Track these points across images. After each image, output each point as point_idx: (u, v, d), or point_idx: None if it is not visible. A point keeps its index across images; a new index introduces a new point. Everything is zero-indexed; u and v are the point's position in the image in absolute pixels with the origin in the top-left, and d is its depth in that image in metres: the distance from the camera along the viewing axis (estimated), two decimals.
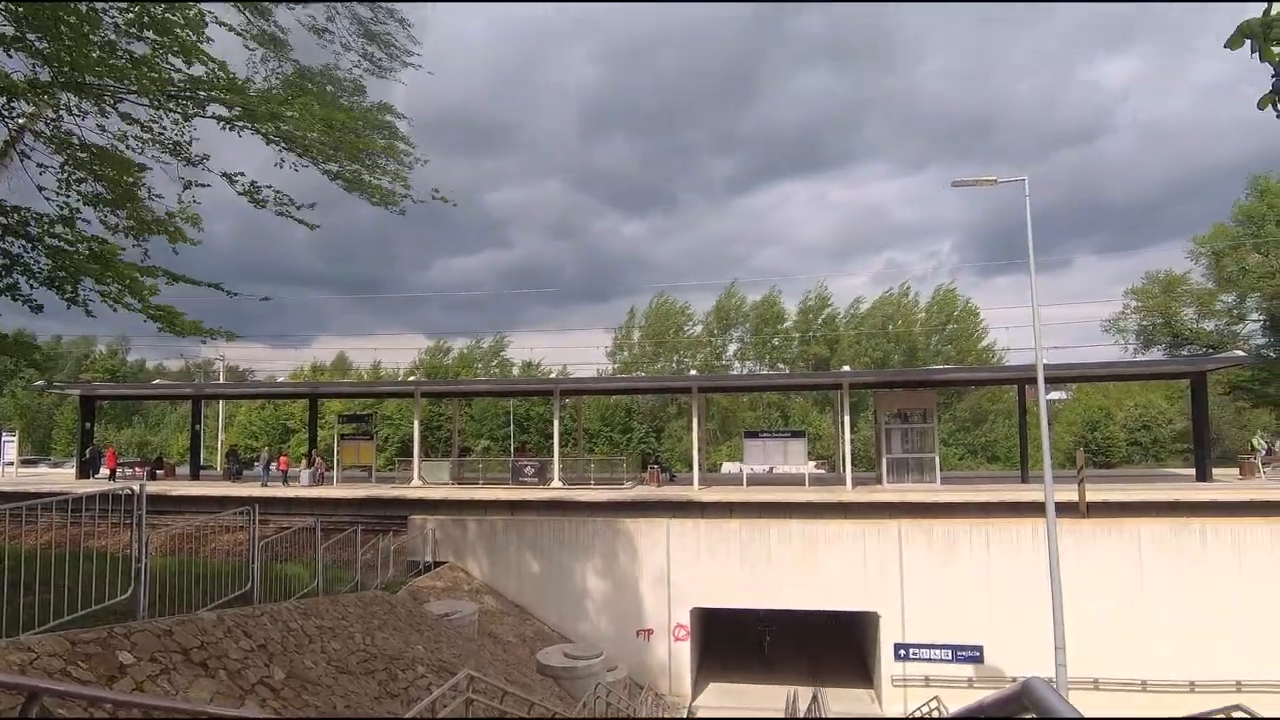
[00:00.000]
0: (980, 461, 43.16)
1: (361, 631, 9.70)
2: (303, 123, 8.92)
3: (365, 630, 9.84)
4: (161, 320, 9.22)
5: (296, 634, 8.29)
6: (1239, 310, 40.26)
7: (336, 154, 9.83)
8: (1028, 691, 1.14)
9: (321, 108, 9.29)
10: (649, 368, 50.32)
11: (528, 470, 24.77)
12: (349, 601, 10.66)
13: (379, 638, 9.90)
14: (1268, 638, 17.26)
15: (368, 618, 10.46)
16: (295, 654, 7.79)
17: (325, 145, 9.65)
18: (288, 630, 8.21)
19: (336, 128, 9.26)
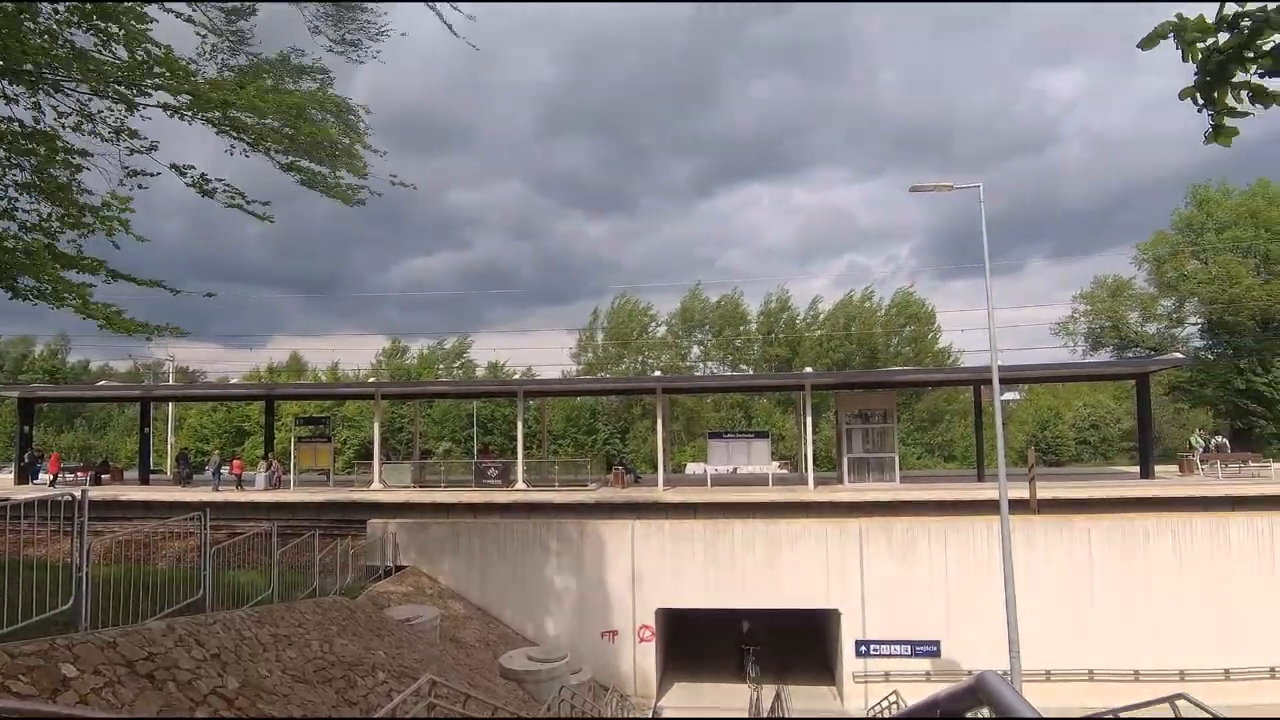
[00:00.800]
0: (938, 460, 44.19)
1: (319, 639, 9.46)
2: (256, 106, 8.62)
3: (323, 637, 9.59)
4: (100, 318, 8.83)
5: (251, 642, 8.04)
6: (1179, 314, 42.06)
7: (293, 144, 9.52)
8: (981, 684, 1.16)
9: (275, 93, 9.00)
10: (613, 369, 50.27)
11: (491, 472, 24.50)
12: (306, 608, 10.38)
13: (338, 644, 9.66)
14: (1208, 628, 18.03)
15: (326, 624, 10.20)
16: (250, 663, 7.55)
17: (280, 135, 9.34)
18: (242, 639, 7.95)
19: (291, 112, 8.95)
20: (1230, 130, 2.82)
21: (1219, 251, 38.80)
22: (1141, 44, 2.75)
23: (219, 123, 8.86)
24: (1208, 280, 38.54)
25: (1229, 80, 2.69)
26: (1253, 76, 2.66)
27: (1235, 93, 2.71)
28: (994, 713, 1.08)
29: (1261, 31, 2.54)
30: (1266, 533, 18.49)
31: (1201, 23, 2.65)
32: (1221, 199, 40.64)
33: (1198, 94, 2.76)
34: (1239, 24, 2.57)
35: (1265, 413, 37.93)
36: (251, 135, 9.23)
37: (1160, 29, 2.69)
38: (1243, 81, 2.68)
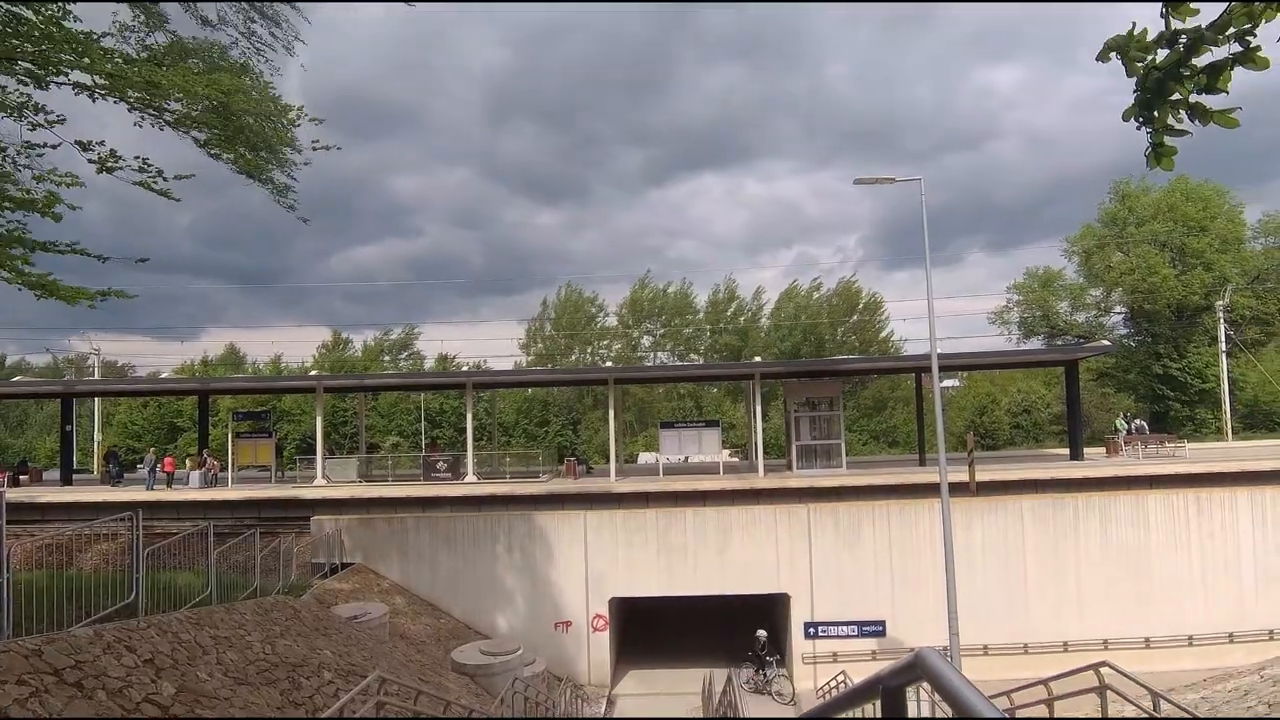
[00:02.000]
0: (882, 446, 45.49)
1: (261, 640, 9.16)
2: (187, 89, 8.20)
3: (265, 638, 9.29)
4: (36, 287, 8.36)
5: (188, 646, 7.72)
6: (1105, 304, 44.34)
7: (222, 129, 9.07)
8: (920, 661, 1.21)
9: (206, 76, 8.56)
10: (564, 360, 49.99)
11: (440, 466, 24.08)
12: (247, 609, 10.03)
13: (281, 645, 9.38)
14: (1130, 599, 19.14)
15: (268, 625, 9.88)
16: (187, 667, 7.25)
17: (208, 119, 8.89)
18: (178, 643, 7.64)
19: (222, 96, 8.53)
20: (1170, 150, 2.83)
21: (1139, 244, 40.97)
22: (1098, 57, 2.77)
23: (141, 103, 8.39)
24: (1129, 271, 40.67)
25: (1167, 98, 2.69)
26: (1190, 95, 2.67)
27: (1174, 111, 2.72)
28: (932, 687, 1.13)
29: (1197, 48, 2.55)
30: (1181, 509, 19.69)
31: (1143, 39, 2.66)
32: (1142, 195, 42.87)
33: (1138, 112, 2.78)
34: (1176, 41, 2.58)
35: (1180, 396, 40.34)
36: (172, 116, 8.76)
37: (1110, 43, 2.72)
38: (1180, 100, 2.69)
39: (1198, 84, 2.62)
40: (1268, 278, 40.82)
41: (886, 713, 1.44)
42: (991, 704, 0.96)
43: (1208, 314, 39.07)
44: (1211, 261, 39.71)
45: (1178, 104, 2.70)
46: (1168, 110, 2.72)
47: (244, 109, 8.98)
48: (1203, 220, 40.54)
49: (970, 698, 0.98)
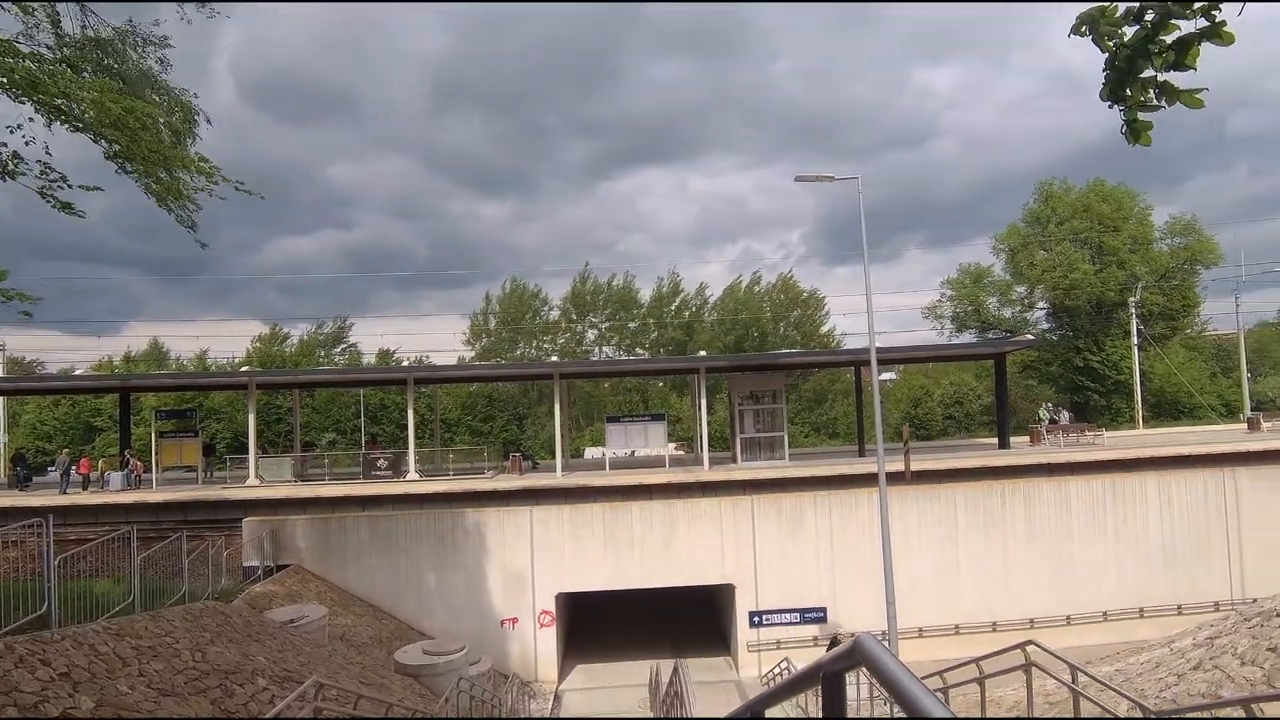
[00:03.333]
0: (823, 438, 46.65)
1: (190, 648, 8.76)
2: (102, 105, 7.63)
3: (194, 646, 8.89)
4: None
5: (108, 657, 7.32)
6: (1030, 299, 46.47)
7: (129, 147, 8.38)
8: (858, 646, 1.25)
9: (122, 96, 7.95)
10: (508, 354, 49.38)
11: (380, 463, 23.48)
12: (174, 616, 9.58)
13: (211, 652, 8.99)
14: (1053, 580, 20.21)
15: (197, 632, 9.46)
16: (107, 680, 6.88)
17: (115, 133, 8.25)
18: (96, 654, 7.23)
19: (134, 119, 7.93)
20: (1145, 125, 2.81)
21: (1060, 243, 43.14)
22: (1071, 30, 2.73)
23: (48, 107, 7.73)
24: (1051, 269, 42.77)
25: (1137, 75, 2.70)
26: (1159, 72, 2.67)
27: (1144, 90, 2.73)
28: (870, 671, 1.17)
29: (1165, 24, 2.56)
30: (1098, 493, 20.89)
31: (1113, 15, 2.65)
32: (1063, 195, 45.11)
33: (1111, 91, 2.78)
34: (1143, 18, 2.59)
35: (1098, 387, 42.73)
36: (79, 123, 8.12)
37: (1081, 17, 2.70)
38: (1149, 77, 2.70)
39: (1166, 60, 2.62)
40: (1174, 276, 43.56)
41: (826, 698, 1.47)
42: (925, 686, 1.00)
43: (1122, 309, 41.44)
44: (1124, 260, 42.12)
45: (1147, 82, 2.70)
46: (1139, 88, 2.72)
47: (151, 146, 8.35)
48: (1116, 221, 42.93)
49: (905, 681, 1.01)
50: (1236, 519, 20.90)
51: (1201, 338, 48.84)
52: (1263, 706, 5.20)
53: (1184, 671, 7.84)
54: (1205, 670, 7.38)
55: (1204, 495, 20.98)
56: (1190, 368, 43.81)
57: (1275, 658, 6.44)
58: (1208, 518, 20.89)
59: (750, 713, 2.07)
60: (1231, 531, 20.87)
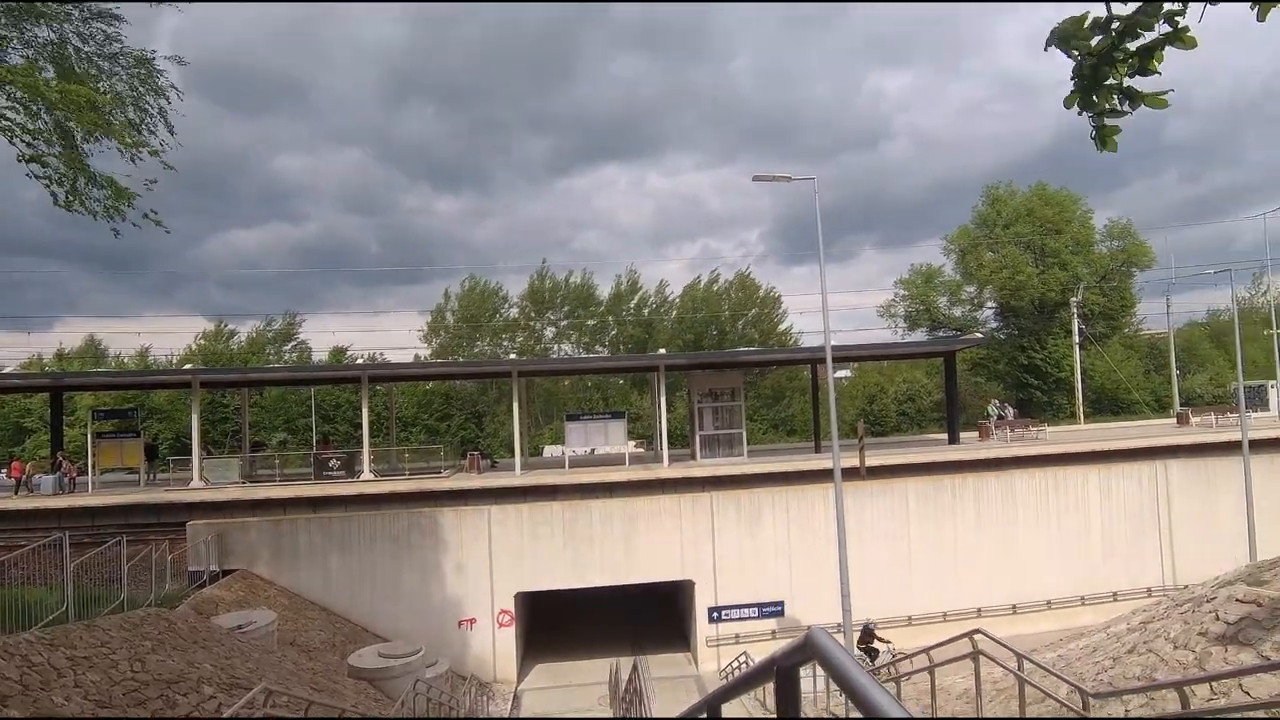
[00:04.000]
0: (781, 435, 47.26)
1: (129, 657, 8.41)
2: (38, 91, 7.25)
3: (134, 655, 8.55)
4: None
5: (41, 669, 6.98)
6: (979, 299, 47.92)
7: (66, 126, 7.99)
8: (810, 641, 1.28)
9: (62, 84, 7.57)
10: (466, 352, 48.72)
11: (333, 464, 22.91)
12: (112, 625, 9.19)
13: (152, 661, 8.65)
14: (1000, 570, 20.90)
15: (137, 641, 9.09)
16: (40, 692, 6.56)
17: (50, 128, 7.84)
18: (28, 666, 6.89)
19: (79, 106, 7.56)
20: (1112, 130, 2.89)
21: (1006, 245, 44.60)
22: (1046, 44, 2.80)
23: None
24: (999, 270, 44.20)
25: (1102, 83, 2.78)
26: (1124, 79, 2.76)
27: (1109, 96, 2.81)
28: (821, 665, 1.19)
29: (1131, 32, 2.64)
30: (1042, 486, 21.69)
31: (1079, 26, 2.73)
32: (1009, 198, 46.65)
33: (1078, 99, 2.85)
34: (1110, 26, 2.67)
35: (1042, 384, 44.32)
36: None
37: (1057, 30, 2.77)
38: (1114, 84, 2.79)
39: (1131, 66, 2.71)
40: (1112, 278, 45.46)
41: (780, 691, 1.49)
42: (873, 678, 1.02)
43: (1064, 309, 43.05)
44: (1066, 262, 43.76)
45: (1112, 88, 2.79)
46: (1106, 95, 2.80)
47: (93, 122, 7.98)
48: (1059, 224, 44.58)
49: (854, 674, 1.03)
50: (1168, 509, 21.96)
51: (1137, 336, 51.07)
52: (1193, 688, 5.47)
53: (1120, 655, 8.20)
54: (1140, 654, 7.73)
55: (1139, 487, 21.98)
56: (1127, 365, 45.75)
57: (1206, 642, 6.78)
58: (1142, 508, 21.89)
59: (707, 708, 2.08)
60: (1163, 521, 21.91)
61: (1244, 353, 25.59)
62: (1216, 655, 6.43)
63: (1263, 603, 6.50)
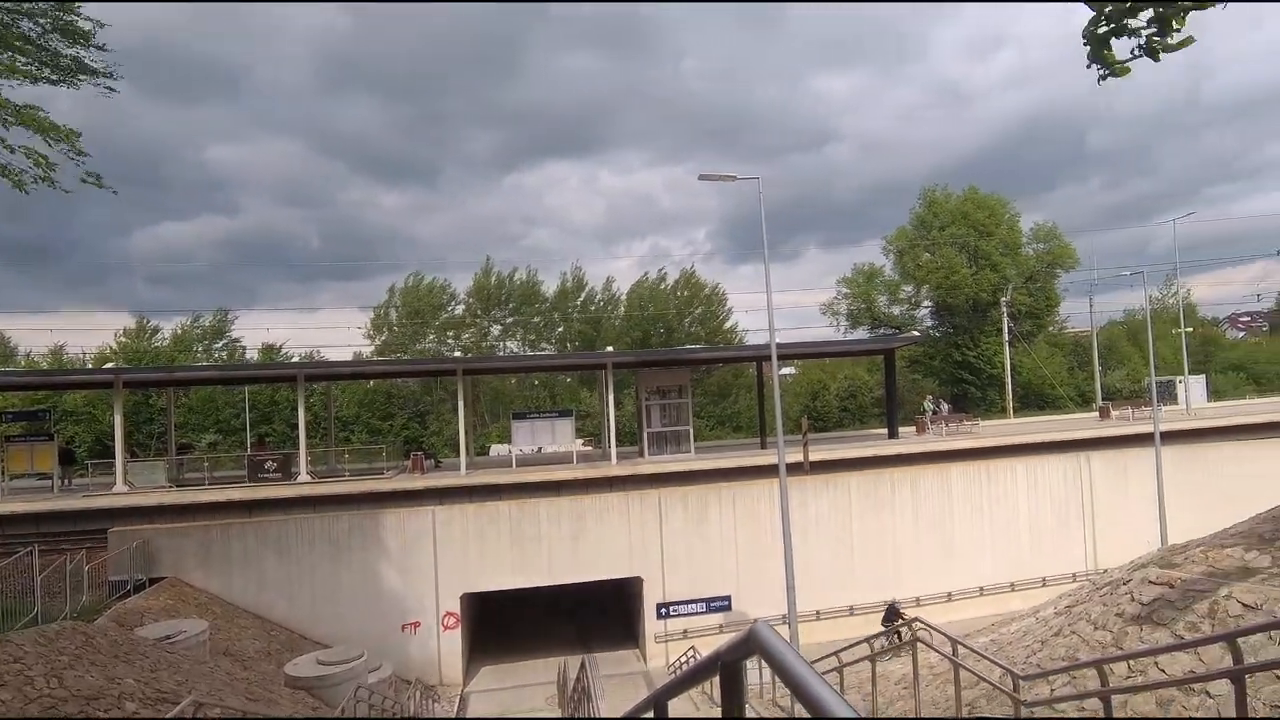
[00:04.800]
0: (727, 431, 47.84)
1: (44, 673, 7.92)
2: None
3: (49, 671, 8.05)
4: None
5: None
6: (916, 298, 49.55)
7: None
8: (753, 635, 1.29)
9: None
10: (411, 349, 47.63)
11: (268, 465, 22.07)
12: (24, 639, 8.63)
13: (70, 677, 8.16)
14: (937, 559, 21.68)
15: (52, 656, 8.56)
16: None
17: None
18: None
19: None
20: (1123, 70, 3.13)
21: (942, 246, 46.26)
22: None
23: None
24: (935, 270, 45.81)
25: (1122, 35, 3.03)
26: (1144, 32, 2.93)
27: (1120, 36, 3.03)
28: (764, 659, 1.20)
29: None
30: (975, 478, 22.59)
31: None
32: (944, 201, 48.36)
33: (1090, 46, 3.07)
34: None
35: (975, 380, 46.15)
36: None
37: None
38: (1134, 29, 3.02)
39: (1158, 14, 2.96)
40: (1038, 278, 47.67)
41: (725, 686, 1.50)
42: (813, 669, 1.03)
43: (994, 308, 44.92)
44: (997, 263, 45.68)
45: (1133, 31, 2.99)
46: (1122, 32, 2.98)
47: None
48: (990, 226, 46.48)
49: (796, 667, 1.04)
50: (1090, 498, 23.17)
51: (1062, 335, 53.74)
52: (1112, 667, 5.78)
53: (1047, 638, 8.61)
54: (1065, 636, 8.13)
55: (1063, 478, 23.12)
56: (1052, 362, 48.06)
57: (1122, 622, 7.18)
58: (1067, 498, 23.04)
59: (653, 705, 2.08)
60: (1086, 509, 23.12)
61: (1156, 350, 27.20)
62: (1133, 635, 6.82)
63: (1174, 584, 6.92)
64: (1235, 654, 4.17)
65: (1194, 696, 5.35)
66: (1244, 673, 4.11)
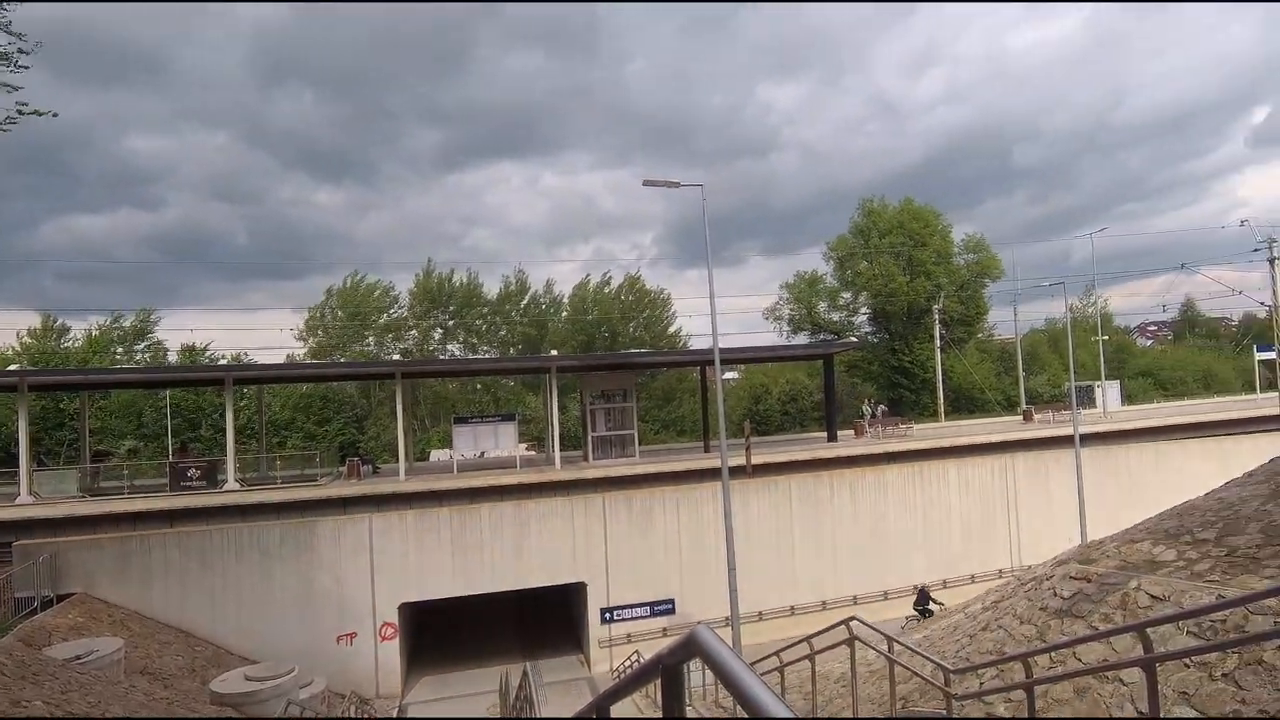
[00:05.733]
0: (672, 435, 48.12)
1: None
2: None
3: None
4: None
5: None
6: (855, 305, 51.04)
7: None
8: (694, 638, 1.30)
9: None
10: (348, 351, 46.20)
11: (192, 473, 21.02)
12: None
13: None
14: (874, 559, 22.31)
15: None
16: None
17: None
18: None
19: None
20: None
21: (880, 254, 47.82)
22: None
23: None
24: (873, 278, 47.31)
25: None
26: None
27: None
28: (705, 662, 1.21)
29: None
30: (909, 480, 23.36)
31: None
32: (882, 211, 50.02)
33: None
34: None
35: (910, 384, 47.82)
36: None
37: None
38: None
39: None
40: (968, 287, 49.80)
41: (666, 689, 1.50)
42: (752, 670, 1.04)
43: (928, 315, 46.68)
44: (930, 271, 47.51)
45: None
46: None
47: None
48: (924, 236, 48.32)
49: (736, 669, 1.05)
50: (1015, 497, 24.28)
51: (990, 342, 56.26)
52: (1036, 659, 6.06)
53: (975, 633, 8.96)
54: (992, 631, 8.48)
55: (990, 478, 24.16)
56: (981, 368, 50.22)
57: (1045, 616, 7.54)
58: (994, 497, 24.08)
59: (595, 710, 2.07)
60: (1011, 508, 24.21)
61: (1076, 357, 28.74)
62: (1055, 627, 7.17)
63: (1092, 579, 7.31)
64: (1145, 643, 4.42)
65: (1108, 684, 5.66)
66: (1154, 661, 4.37)
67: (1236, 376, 58.73)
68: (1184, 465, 24.87)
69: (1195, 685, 4.98)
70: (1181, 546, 6.97)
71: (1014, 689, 6.17)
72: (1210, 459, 24.64)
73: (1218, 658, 4.98)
